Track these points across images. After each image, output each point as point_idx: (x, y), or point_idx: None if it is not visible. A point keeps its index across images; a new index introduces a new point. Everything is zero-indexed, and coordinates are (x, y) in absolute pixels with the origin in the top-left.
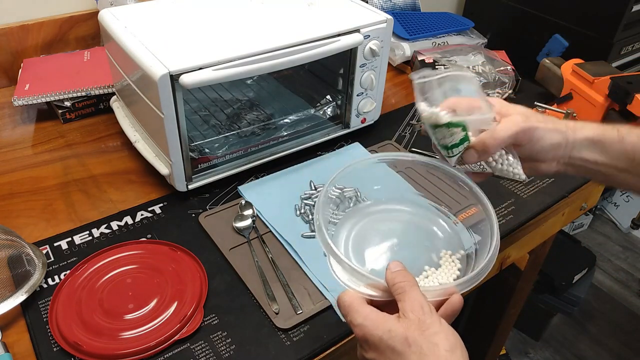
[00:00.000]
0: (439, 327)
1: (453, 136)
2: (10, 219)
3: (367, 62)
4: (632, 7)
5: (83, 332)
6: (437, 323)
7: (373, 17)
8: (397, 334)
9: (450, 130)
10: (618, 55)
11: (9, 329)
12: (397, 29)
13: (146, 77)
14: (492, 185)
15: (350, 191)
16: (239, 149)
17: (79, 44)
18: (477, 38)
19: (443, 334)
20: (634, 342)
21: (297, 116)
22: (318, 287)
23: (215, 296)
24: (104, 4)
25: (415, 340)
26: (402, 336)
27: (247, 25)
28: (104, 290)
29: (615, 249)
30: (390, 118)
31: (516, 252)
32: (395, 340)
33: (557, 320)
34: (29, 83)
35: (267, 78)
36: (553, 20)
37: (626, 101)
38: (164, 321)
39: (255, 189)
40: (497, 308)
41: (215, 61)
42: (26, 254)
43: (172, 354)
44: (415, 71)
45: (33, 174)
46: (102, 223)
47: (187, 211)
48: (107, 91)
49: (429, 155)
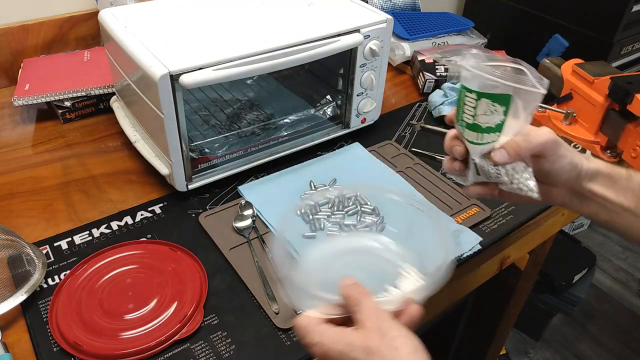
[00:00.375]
0: (398, 332)
1: (492, 115)
2: (10, 219)
3: (367, 62)
4: (632, 7)
5: (83, 332)
6: (395, 328)
7: (373, 17)
8: (357, 346)
9: (495, 105)
10: (618, 55)
11: (9, 329)
12: (397, 29)
13: (146, 77)
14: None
15: (350, 191)
16: (239, 149)
17: (79, 44)
18: (477, 38)
19: (403, 338)
20: (634, 342)
21: (297, 116)
22: None
23: (215, 296)
24: (104, 4)
25: (376, 348)
26: (362, 347)
27: (247, 25)
28: (104, 290)
29: (615, 249)
30: (390, 118)
31: (516, 252)
32: (357, 352)
33: (557, 320)
34: (29, 83)
35: (267, 78)
36: (553, 20)
37: (626, 101)
38: (164, 321)
39: (255, 189)
40: (497, 308)
41: (215, 61)
42: (26, 254)
43: (172, 354)
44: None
45: (33, 174)
46: (102, 223)
47: (187, 211)
48: (107, 91)
49: (429, 155)
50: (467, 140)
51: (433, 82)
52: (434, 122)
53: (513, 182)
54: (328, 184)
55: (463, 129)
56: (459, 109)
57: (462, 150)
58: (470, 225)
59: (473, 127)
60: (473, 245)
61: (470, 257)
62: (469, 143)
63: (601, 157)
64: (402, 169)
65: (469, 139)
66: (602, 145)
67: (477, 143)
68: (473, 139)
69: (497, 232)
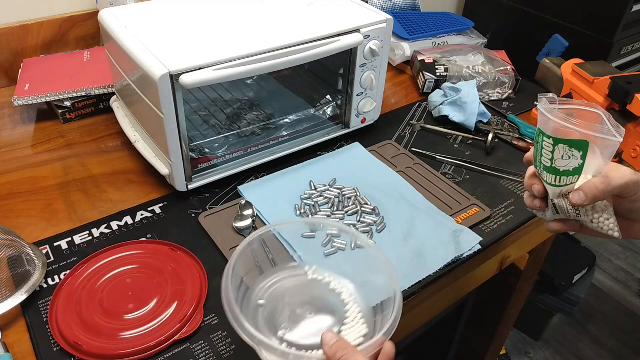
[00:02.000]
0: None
1: (570, 160)
2: (10, 219)
3: (367, 62)
4: (632, 7)
5: (83, 332)
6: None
7: (373, 17)
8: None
9: (572, 151)
10: (618, 55)
11: (9, 329)
12: (397, 29)
13: (146, 77)
14: (492, 185)
15: (350, 191)
16: (239, 149)
17: (79, 44)
18: (477, 38)
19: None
20: (634, 342)
21: (297, 116)
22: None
23: (215, 296)
24: (104, 4)
25: None
26: None
27: (247, 25)
28: (104, 290)
29: (615, 249)
30: (390, 118)
31: (516, 252)
32: None
33: (557, 320)
34: (29, 83)
35: (267, 78)
36: (553, 20)
37: (626, 101)
38: (164, 321)
39: (255, 189)
40: (497, 308)
41: (215, 61)
42: (26, 254)
43: (172, 354)
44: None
45: (33, 174)
46: (102, 223)
47: (187, 211)
48: (107, 91)
49: (429, 155)
50: (545, 181)
51: (433, 82)
52: (434, 122)
53: (592, 222)
54: (328, 184)
55: (541, 171)
56: (536, 152)
57: (540, 190)
58: (470, 225)
59: (551, 170)
60: (473, 245)
61: (470, 257)
62: (547, 184)
63: None
64: (402, 169)
65: (547, 181)
66: None
67: (555, 185)
68: (551, 181)
69: (497, 232)
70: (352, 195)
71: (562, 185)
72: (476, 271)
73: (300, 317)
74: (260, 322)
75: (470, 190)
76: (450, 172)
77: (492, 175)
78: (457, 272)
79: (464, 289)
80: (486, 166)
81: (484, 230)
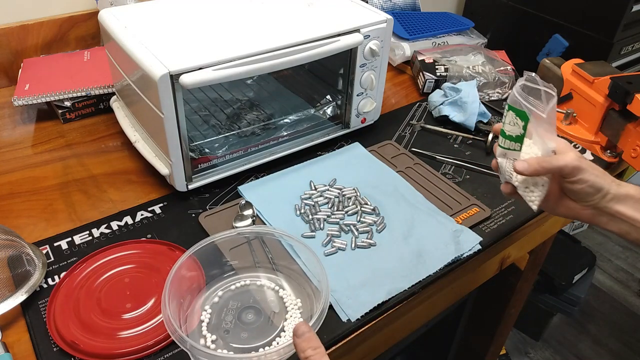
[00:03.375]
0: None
1: (514, 127)
2: (10, 219)
3: (367, 62)
4: (632, 7)
5: (81, 331)
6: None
7: (373, 17)
8: None
9: (517, 119)
10: (618, 55)
11: (9, 329)
12: (397, 29)
13: (146, 77)
14: (492, 185)
15: (350, 191)
16: (239, 149)
17: (79, 44)
18: (477, 38)
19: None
20: (634, 342)
21: (297, 116)
22: (317, 287)
23: None
24: (104, 4)
25: None
26: None
27: (247, 25)
28: (102, 289)
29: (615, 249)
30: (390, 118)
31: (516, 252)
32: None
33: (557, 320)
34: (29, 83)
35: (267, 78)
36: (553, 20)
37: (626, 101)
38: (162, 320)
39: (255, 189)
40: (497, 308)
41: (215, 61)
42: (26, 254)
43: (171, 354)
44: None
45: (33, 174)
46: (102, 223)
47: (187, 211)
48: (107, 91)
49: (429, 155)
50: (498, 142)
51: (433, 82)
52: (434, 122)
53: (520, 189)
54: (328, 184)
55: (505, 138)
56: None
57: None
58: (470, 225)
59: (502, 132)
60: (473, 245)
61: (470, 257)
62: (498, 145)
63: (601, 157)
64: (402, 169)
65: (499, 143)
66: (602, 145)
67: (500, 146)
68: (500, 143)
69: (497, 232)
70: (352, 195)
71: (505, 147)
72: (476, 271)
73: (242, 320)
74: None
75: (470, 190)
76: (450, 172)
77: (492, 175)
78: (457, 272)
79: (464, 289)
80: (486, 166)
81: (484, 230)
